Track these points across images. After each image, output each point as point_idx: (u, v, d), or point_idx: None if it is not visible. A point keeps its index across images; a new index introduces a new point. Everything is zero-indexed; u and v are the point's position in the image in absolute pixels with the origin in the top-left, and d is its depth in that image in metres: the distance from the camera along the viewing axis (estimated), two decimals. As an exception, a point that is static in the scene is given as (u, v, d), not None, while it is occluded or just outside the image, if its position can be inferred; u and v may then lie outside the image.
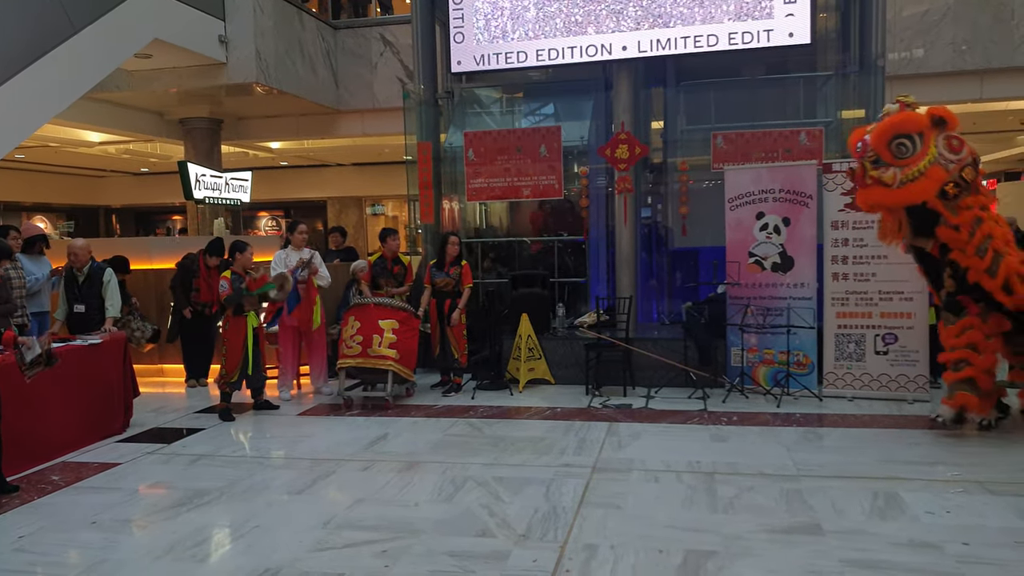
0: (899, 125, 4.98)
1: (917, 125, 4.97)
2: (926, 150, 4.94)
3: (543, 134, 7.90)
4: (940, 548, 3.44)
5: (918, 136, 4.96)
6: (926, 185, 4.92)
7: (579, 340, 7.24)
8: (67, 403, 5.50)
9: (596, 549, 3.55)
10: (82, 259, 6.46)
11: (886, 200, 5.05)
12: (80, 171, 19.40)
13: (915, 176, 4.92)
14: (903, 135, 4.96)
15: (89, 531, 4.00)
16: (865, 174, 5.04)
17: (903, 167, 4.94)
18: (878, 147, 4.99)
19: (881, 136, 4.98)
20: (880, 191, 5.01)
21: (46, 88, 7.67)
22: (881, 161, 4.98)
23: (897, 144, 4.96)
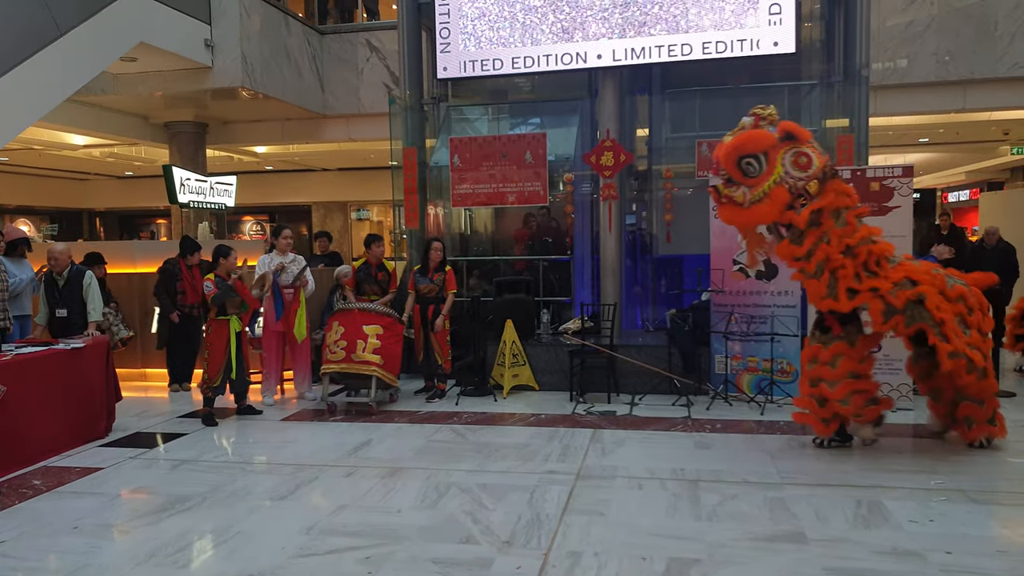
0: (743, 146, 4.79)
1: (761, 144, 4.78)
2: (771, 169, 4.76)
3: (528, 141, 7.92)
4: (923, 557, 3.47)
5: (763, 155, 4.78)
6: (769, 207, 4.77)
7: (564, 346, 7.25)
8: (49, 407, 5.45)
9: (580, 556, 3.55)
10: (62, 263, 6.39)
11: (736, 220, 4.94)
12: (64, 174, 19.25)
13: (759, 197, 4.76)
14: (748, 155, 4.79)
15: (71, 536, 3.96)
16: (720, 194, 4.90)
17: (751, 187, 4.78)
18: (727, 166, 4.84)
19: (728, 156, 4.83)
20: (732, 210, 4.88)
21: (31, 91, 7.62)
22: (732, 180, 4.84)
23: (745, 163, 4.79)
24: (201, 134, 13.27)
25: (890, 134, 14.17)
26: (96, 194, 21.33)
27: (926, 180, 21.17)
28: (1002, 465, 4.85)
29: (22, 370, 5.26)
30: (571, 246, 8.57)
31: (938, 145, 16.20)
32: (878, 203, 6.27)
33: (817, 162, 4.76)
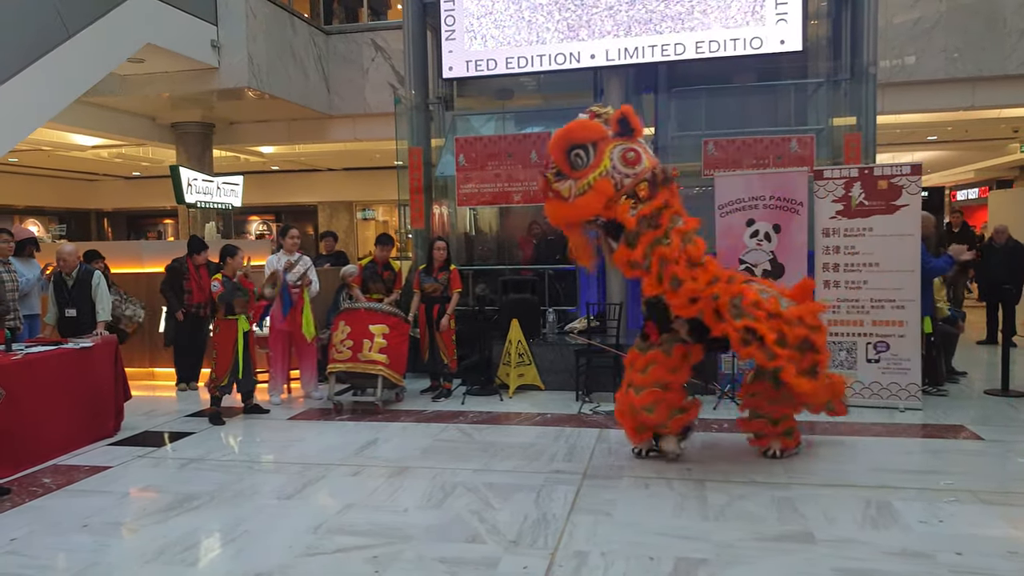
0: (573, 133, 4.57)
1: (592, 134, 4.55)
2: (598, 161, 4.52)
3: (533, 140, 7.91)
4: (933, 557, 3.45)
5: (592, 146, 4.54)
6: (592, 199, 4.51)
7: (569, 346, 7.24)
8: (59, 406, 5.48)
9: (586, 556, 3.54)
10: (71, 264, 6.44)
11: (560, 215, 4.64)
12: (72, 175, 19.34)
13: (584, 189, 4.51)
14: (578, 145, 4.55)
15: (80, 534, 3.98)
16: (549, 186, 4.62)
17: (577, 179, 4.53)
18: (557, 156, 4.58)
19: (558, 144, 4.58)
20: (556, 205, 4.60)
21: (41, 92, 7.66)
22: (561, 173, 4.58)
23: (574, 155, 4.54)
24: (208, 134, 13.31)
25: (898, 132, 14.10)
26: (104, 194, 21.42)
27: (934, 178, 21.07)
28: (1013, 466, 4.83)
29: (33, 369, 5.30)
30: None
31: (946, 143, 16.12)
32: (886, 202, 6.25)
33: (646, 162, 4.59)
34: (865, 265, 6.30)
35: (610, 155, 4.53)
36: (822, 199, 6.47)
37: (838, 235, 6.38)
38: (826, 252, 6.45)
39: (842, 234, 6.36)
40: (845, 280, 6.38)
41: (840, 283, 6.40)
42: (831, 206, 6.41)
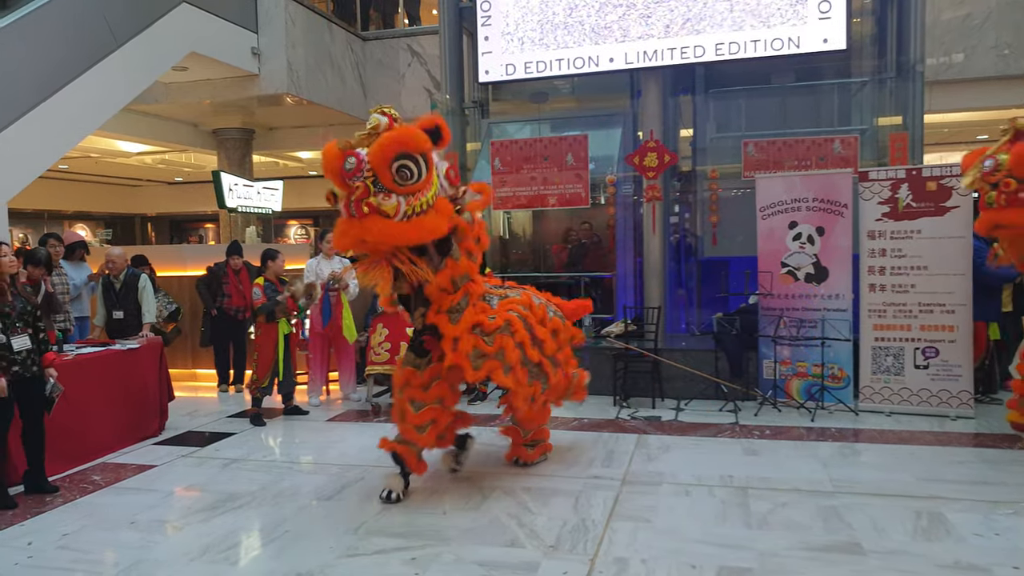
0: (404, 143, 3.90)
1: (422, 145, 3.97)
2: (431, 176, 4.01)
3: (570, 143, 7.88)
4: (989, 572, 3.33)
5: (422, 158, 3.95)
6: (437, 221, 4.02)
7: (606, 350, 7.18)
8: (107, 405, 5.62)
9: (627, 563, 3.50)
10: (119, 266, 6.58)
11: (387, 234, 3.91)
12: (118, 180, 19.82)
13: (422, 209, 3.94)
14: (407, 155, 3.89)
15: (128, 531, 4.07)
16: (360, 201, 3.86)
17: (409, 195, 3.90)
18: (382, 167, 3.85)
19: (386, 153, 3.86)
20: (383, 224, 3.87)
21: (91, 100, 7.86)
22: (382, 185, 3.87)
23: (401, 167, 3.88)
24: (248, 140, 13.53)
25: (946, 131, 13.74)
26: (148, 200, 21.91)
27: (982, 179, 20.46)
28: (1069, 475, 4.65)
29: (83, 369, 5.43)
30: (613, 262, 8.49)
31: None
32: (935, 203, 6.09)
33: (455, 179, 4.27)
34: (913, 268, 6.14)
35: (437, 172, 4.10)
36: (867, 201, 6.33)
37: (884, 237, 6.23)
38: (871, 255, 6.31)
39: (888, 236, 6.21)
40: (892, 284, 6.23)
41: (886, 287, 6.25)
42: (877, 208, 6.27)
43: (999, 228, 4.99)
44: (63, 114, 7.42)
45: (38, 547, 3.88)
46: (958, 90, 10.69)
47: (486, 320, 4.38)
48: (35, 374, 4.55)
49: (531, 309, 4.67)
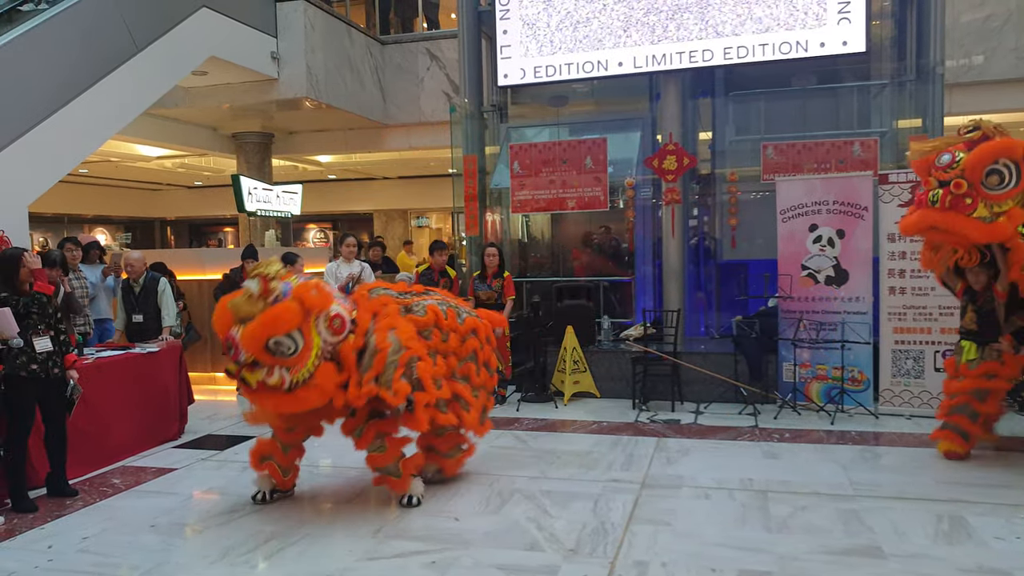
0: (271, 329, 3.86)
1: (292, 321, 3.91)
2: (310, 343, 3.95)
3: (588, 146, 7.87)
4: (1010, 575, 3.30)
5: (297, 332, 3.92)
6: (324, 386, 4.01)
7: (625, 353, 7.17)
8: (127, 408, 5.67)
9: (647, 566, 3.49)
10: (138, 270, 6.64)
11: (282, 406, 4.02)
12: (138, 185, 20.03)
13: (303, 379, 3.94)
14: (279, 336, 3.88)
15: (149, 534, 4.10)
16: (247, 381, 3.94)
17: (291, 367, 3.91)
18: (255, 351, 3.87)
19: (256, 341, 3.85)
20: (276, 398, 3.95)
21: (111, 104, 7.94)
22: (258, 363, 3.90)
23: (275, 344, 3.87)
24: (267, 144, 13.63)
25: (965, 134, 13.60)
26: (167, 203, 22.12)
27: (1003, 181, 20.27)
28: (1095, 481, 4.59)
29: (102, 373, 5.48)
30: (632, 266, 8.49)
31: (1017, 145, 15.48)
32: (955, 205, 6.04)
33: (348, 314, 4.16)
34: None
35: (317, 331, 4.00)
36: (887, 203, 6.29)
37: (904, 240, 6.17)
38: (891, 258, 6.26)
39: (908, 239, 6.15)
40: (912, 286, 6.18)
41: (906, 289, 6.20)
42: (897, 211, 6.21)
43: (934, 230, 4.69)
44: (83, 118, 7.50)
45: (58, 550, 3.92)
46: (978, 92, 10.58)
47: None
48: (56, 376, 4.60)
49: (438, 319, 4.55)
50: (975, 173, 4.47)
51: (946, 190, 4.50)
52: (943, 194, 4.50)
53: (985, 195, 4.48)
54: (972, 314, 5.02)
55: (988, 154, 4.50)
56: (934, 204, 4.54)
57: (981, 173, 4.48)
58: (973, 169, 4.47)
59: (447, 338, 4.54)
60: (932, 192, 4.57)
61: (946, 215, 4.51)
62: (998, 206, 4.48)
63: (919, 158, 4.79)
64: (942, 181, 4.55)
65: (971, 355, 5.00)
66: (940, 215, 4.53)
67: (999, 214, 4.47)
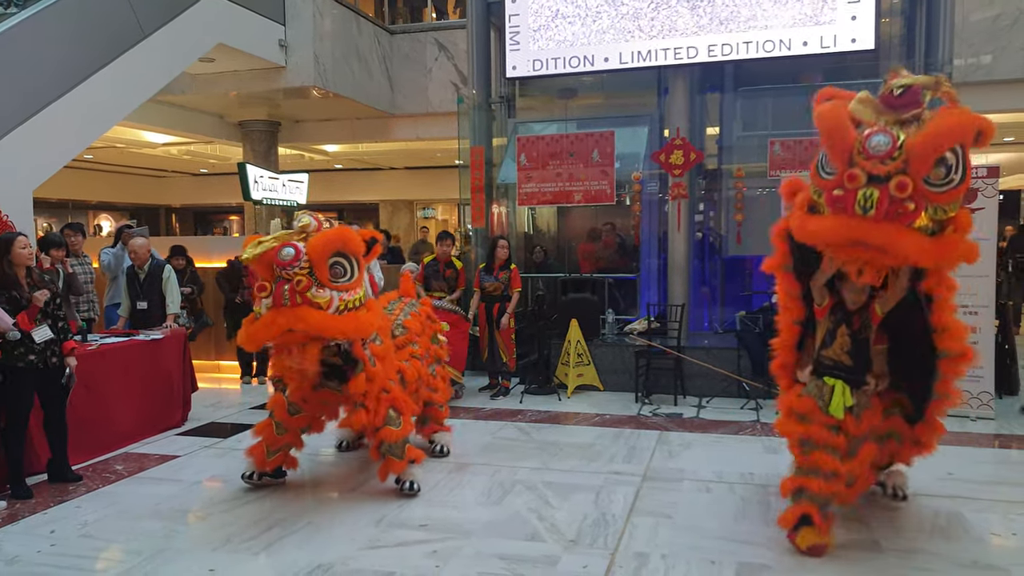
0: (345, 242, 4.02)
1: (359, 247, 4.10)
2: (361, 278, 4.12)
3: (596, 139, 7.86)
4: (1007, 571, 3.32)
5: (355, 259, 4.07)
6: (371, 319, 4.14)
7: (629, 347, 7.18)
8: (130, 395, 5.70)
9: (647, 558, 3.51)
10: (142, 257, 6.64)
11: (314, 324, 3.89)
12: (143, 171, 20.06)
13: (354, 306, 4.01)
14: (343, 254, 4.00)
15: (151, 520, 4.12)
16: (296, 291, 3.85)
17: (340, 291, 3.97)
18: (318, 261, 3.90)
19: (324, 249, 3.92)
20: (313, 315, 3.87)
21: (117, 90, 7.94)
22: (316, 278, 3.90)
23: (336, 263, 3.97)
24: (274, 133, 13.63)
25: (973, 133, 13.56)
26: (173, 191, 22.15)
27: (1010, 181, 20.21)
28: (1096, 481, 4.60)
29: (106, 360, 5.51)
30: (637, 260, 8.49)
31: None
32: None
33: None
34: (937, 269, 6.01)
35: (365, 275, 4.21)
36: (894, 201, 6.25)
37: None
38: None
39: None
40: (914, 284, 6.12)
41: (910, 287, 6.14)
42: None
43: (859, 246, 3.19)
44: (88, 104, 7.50)
45: (61, 535, 3.95)
46: (986, 91, 10.53)
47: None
48: (55, 365, 4.60)
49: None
50: (923, 164, 3.08)
51: (884, 191, 3.07)
52: (880, 197, 3.06)
53: (930, 195, 3.13)
54: (846, 341, 3.67)
55: (945, 137, 3.11)
56: (866, 211, 3.10)
57: (930, 165, 3.10)
58: (921, 159, 3.08)
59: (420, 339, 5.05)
60: (863, 193, 3.09)
61: (881, 228, 3.10)
62: (943, 211, 3.18)
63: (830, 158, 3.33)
64: (875, 176, 3.09)
65: (847, 399, 3.61)
66: (873, 228, 3.11)
67: (943, 222, 3.21)
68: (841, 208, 3.18)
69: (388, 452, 4.38)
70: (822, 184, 3.35)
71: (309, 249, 3.91)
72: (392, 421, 4.37)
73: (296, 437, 4.63)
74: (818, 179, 3.40)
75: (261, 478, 4.59)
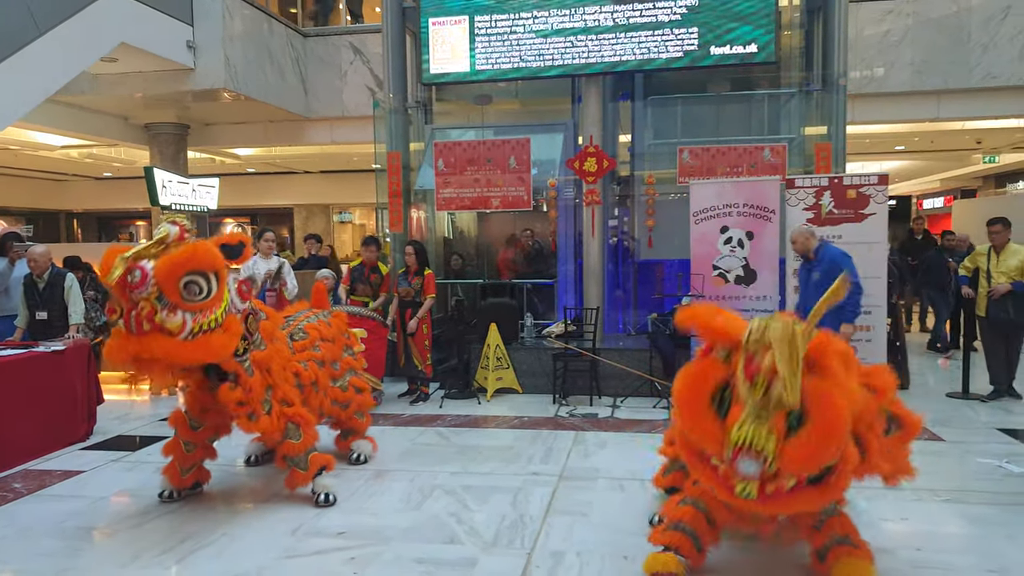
0: (193, 261, 3.72)
1: (214, 262, 3.82)
2: (221, 293, 3.85)
3: (512, 145, 7.97)
4: (893, 553, 3.56)
5: (214, 275, 3.81)
6: (226, 340, 3.87)
7: (547, 350, 7.31)
8: (29, 410, 5.42)
9: (562, 556, 3.60)
10: (42, 265, 6.35)
11: (171, 353, 3.69)
12: (41, 174, 19.04)
13: (209, 327, 3.77)
14: (197, 272, 3.74)
15: (53, 539, 3.95)
16: (142, 318, 3.63)
17: (197, 312, 3.73)
18: (168, 283, 3.66)
19: (172, 273, 3.66)
20: (166, 343, 3.65)
21: (10, 91, 7.56)
22: (166, 301, 3.67)
23: (189, 282, 3.71)
24: (182, 136, 13.19)
25: (867, 142, 14.40)
26: (74, 195, 21.11)
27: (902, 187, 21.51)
28: (972, 466, 4.97)
29: (2, 373, 5.23)
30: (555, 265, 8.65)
31: (914, 153, 16.50)
32: (854, 210, 6.41)
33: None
34: (835, 272, 6.37)
35: (228, 286, 3.94)
36: (793, 207, 6.62)
37: (809, 242, 6.45)
38: (797, 258, 6.58)
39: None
40: (815, 286, 6.47)
41: (810, 289, 6.49)
42: (802, 214, 6.55)
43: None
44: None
45: (-44, 557, 3.74)
46: (878, 103, 11.25)
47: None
48: None
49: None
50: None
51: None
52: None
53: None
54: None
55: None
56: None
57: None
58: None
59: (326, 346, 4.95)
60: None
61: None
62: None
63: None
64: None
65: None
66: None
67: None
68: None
69: (292, 465, 4.34)
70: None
71: (156, 272, 3.64)
72: (292, 434, 4.31)
73: (207, 450, 4.54)
74: None
75: (180, 495, 4.48)
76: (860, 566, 3.20)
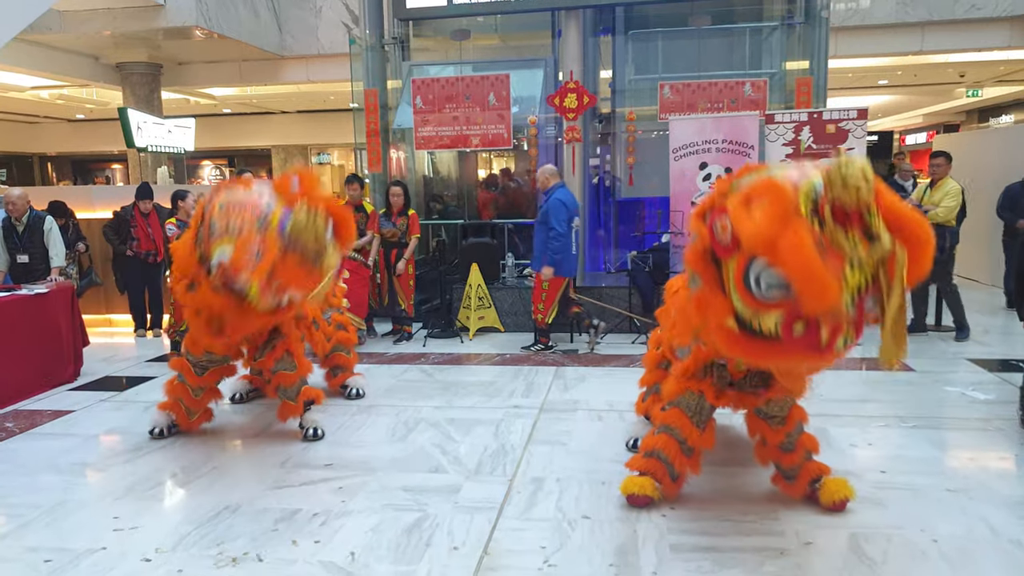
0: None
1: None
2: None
3: (492, 82, 7.89)
4: (859, 476, 3.72)
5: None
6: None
7: (528, 289, 7.39)
8: (16, 351, 5.47)
9: (543, 482, 3.75)
10: (20, 208, 6.31)
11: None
12: (11, 116, 18.60)
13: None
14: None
15: (48, 474, 4.05)
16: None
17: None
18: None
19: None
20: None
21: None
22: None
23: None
24: (155, 75, 12.92)
25: (850, 76, 14.34)
26: (47, 138, 20.68)
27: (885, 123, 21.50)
28: (939, 393, 5.16)
29: (-14, 316, 5.26)
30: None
31: (897, 87, 16.45)
32: (833, 145, 6.44)
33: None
34: (812, 207, 6.45)
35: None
36: (772, 143, 6.65)
37: (787, 178, 6.52)
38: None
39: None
40: (792, 221, 6.56)
41: (788, 224, 6.58)
42: (781, 150, 6.59)
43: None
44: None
45: (-47, 493, 3.83)
46: (862, 36, 11.16)
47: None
48: None
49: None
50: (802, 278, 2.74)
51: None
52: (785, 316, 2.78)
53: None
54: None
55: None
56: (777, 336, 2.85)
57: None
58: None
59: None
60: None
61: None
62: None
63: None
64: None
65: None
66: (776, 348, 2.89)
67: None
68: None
69: (283, 396, 4.44)
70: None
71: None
72: (286, 364, 4.41)
73: (214, 392, 4.65)
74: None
75: (170, 432, 4.58)
76: (840, 483, 3.41)
